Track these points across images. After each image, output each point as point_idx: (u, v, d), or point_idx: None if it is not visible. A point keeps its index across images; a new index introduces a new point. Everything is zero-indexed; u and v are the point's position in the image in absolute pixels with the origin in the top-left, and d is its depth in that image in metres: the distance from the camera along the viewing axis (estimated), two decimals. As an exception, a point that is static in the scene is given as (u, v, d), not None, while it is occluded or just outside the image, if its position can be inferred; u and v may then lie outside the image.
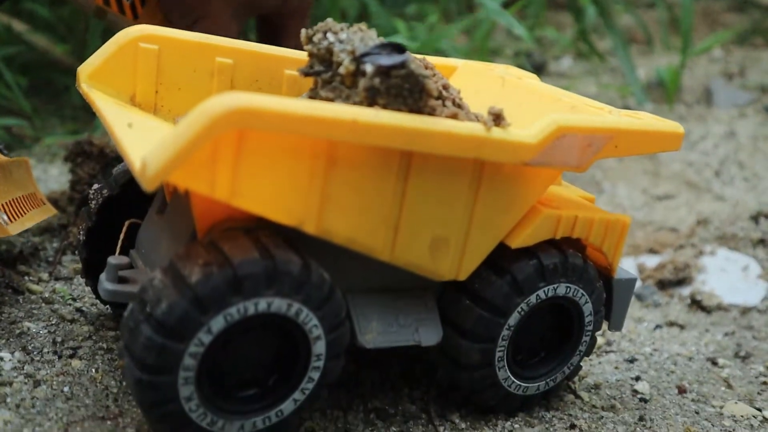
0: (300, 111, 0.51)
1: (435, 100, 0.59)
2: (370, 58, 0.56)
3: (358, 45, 0.57)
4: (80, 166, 0.87)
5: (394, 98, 0.55)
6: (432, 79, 0.59)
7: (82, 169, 0.87)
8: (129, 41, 0.66)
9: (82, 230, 0.70)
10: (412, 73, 0.55)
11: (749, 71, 1.91)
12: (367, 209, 0.58)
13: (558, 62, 1.97)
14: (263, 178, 0.53)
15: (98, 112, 0.60)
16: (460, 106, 0.64)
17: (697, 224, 1.21)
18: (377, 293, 0.65)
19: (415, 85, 0.56)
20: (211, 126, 0.48)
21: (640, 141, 0.67)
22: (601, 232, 0.71)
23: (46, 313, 0.73)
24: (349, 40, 0.58)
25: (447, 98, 0.63)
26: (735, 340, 0.93)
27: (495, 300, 0.66)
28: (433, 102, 0.58)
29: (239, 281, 0.54)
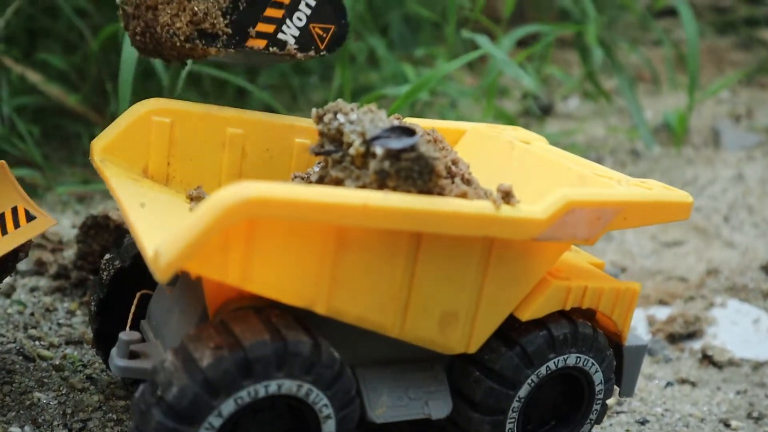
0: (310, 198, 0.51)
1: (444, 179, 0.60)
2: (380, 141, 0.56)
3: (368, 127, 0.58)
4: (93, 238, 0.88)
5: (404, 180, 0.56)
6: (442, 160, 0.60)
7: (96, 241, 0.87)
8: (142, 115, 0.67)
9: (93, 301, 0.70)
10: (422, 156, 0.56)
11: (756, 112, 1.91)
12: (376, 289, 0.58)
13: (565, 103, 1.98)
14: (274, 262, 0.54)
15: (111, 190, 0.61)
16: (469, 181, 0.64)
17: (707, 274, 1.21)
18: (387, 366, 0.65)
19: (425, 168, 0.56)
20: (224, 217, 0.49)
21: (649, 212, 0.68)
22: (611, 301, 0.70)
23: (57, 381, 0.73)
24: (359, 120, 0.59)
25: (456, 174, 0.64)
26: (747, 399, 0.92)
27: (505, 372, 0.66)
28: (443, 181, 0.58)
29: (250, 364, 0.55)
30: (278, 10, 0.71)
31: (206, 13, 0.69)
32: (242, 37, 0.70)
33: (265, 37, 0.71)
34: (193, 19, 0.68)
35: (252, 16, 0.70)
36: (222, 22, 0.69)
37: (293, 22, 0.71)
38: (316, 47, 0.73)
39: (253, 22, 0.70)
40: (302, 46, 0.72)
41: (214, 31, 0.69)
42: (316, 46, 0.73)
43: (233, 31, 0.70)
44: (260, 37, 0.71)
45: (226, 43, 0.70)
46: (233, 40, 0.70)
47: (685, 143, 1.73)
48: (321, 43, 0.73)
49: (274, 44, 0.72)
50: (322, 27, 0.72)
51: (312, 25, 0.72)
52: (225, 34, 0.70)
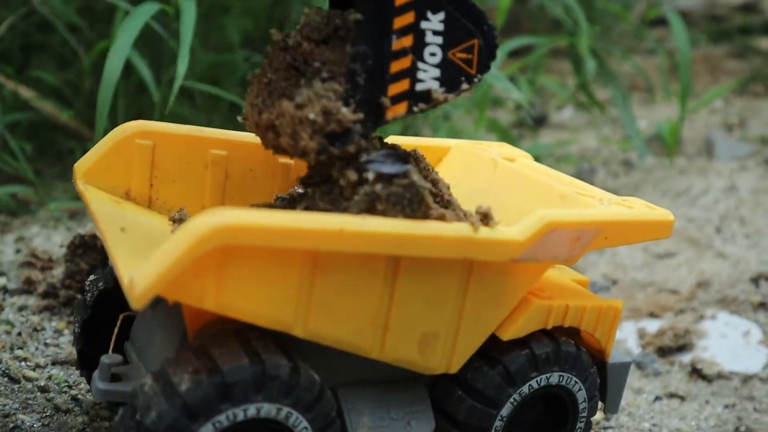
0: (285, 225, 0.52)
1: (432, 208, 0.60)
2: (373, 165, 0.56)
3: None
4: (81, 257, 0.88)
5: (392, 206, 0.56)
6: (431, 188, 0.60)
7: (83, 260, 0.88)
8: (124, 138, 0.68)
9: (77, 323, 0.70)
10: (414, 184, 0.56)
11: (749, 122, 1.92)
12: (354, 312, 0.58)
13: (559, 113, 1.98)
14: (250, 288, 0.54)
15: (91, 215, 0.61)
16: (449, 203, 0.64)
17: (697, 286, 1.21)
18: (368, 386, 0.66)
19: (415, 196, 0.56)
20: (197, 245, 0.49)
21: (630, 232, 0.68)
22: (594, 319, 0.71)
23: (41, 403, 0.73)
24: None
25: (436, 195, 0.64)
26: (736, 413, 0.92)
27: (487, 391, 0.67)
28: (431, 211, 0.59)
29: (228, 388, 0.55)
30: (404, 58, 0.57)
31: (325, 112, 0.56)
32: (378, 114, 0.57)
33: (402, 98, 0.58)
34: (314, 129, 0.56)
35: (377, 84, 0.57)
36: (347, 113, 0.56)
37: (427, 62, 0.58)
38: (466, 76, 0.59)
39: (382, 89, 0.57)
40: (450, 83, 0.59)
41: (344, 127, 0.56)
42: (466, 74, 0.59)
43: (365, 113, 0.57)
44: (397, 102, 0.58)
45: (363, 132, 0.57)
46: (369, 123, 0.57)
47: (678, 153, 1.73)
48: (471, 68, 0.59)
49: (416, 101, 0.59)
50: (464, 48, 0.58)
51: (451, 53, 0.58)
52: (357, 122, 0.57)
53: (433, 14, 0.57)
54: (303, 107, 0.56)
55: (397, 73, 0.57)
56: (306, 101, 0.56)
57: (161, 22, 1.18)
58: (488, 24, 0.59)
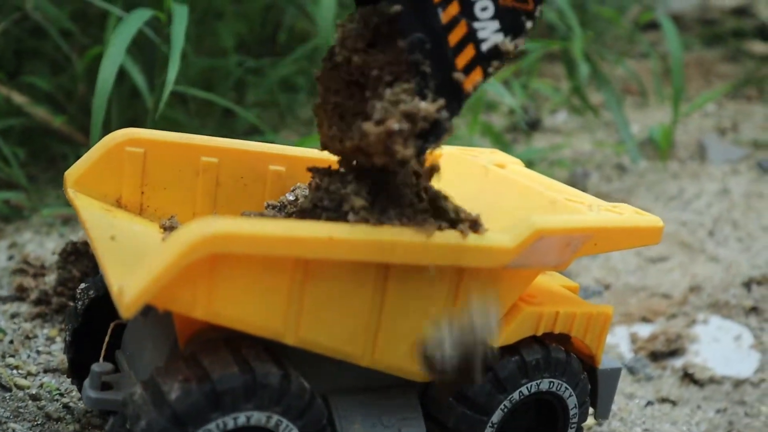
0: (274, 233, 0.52)
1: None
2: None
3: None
4: (73, 264, 0.88)
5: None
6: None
7: (76, 267, 0.88)
8: (115, 146, 0.68)
9: (68, 331, 0.70)
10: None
11: (742, 126, 1.92)
12: (345, 320, 0.59)
13: (553, 116, 1.99)
14: (240, 296, 0.54)
15: (82, 223, 0.62)
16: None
17: (690, 290, 1.22)
18: (360, 393, 0.66)
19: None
20: (187, 254, 0.49)
21: (620, 238, 0.68)
22: (584, 325, 0.71)
23: (33, 411, 0.73)
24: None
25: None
26: (727, 418, 0.93)
27: (477, 398, 0.67)
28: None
29: (218, 396, 0.55)
30: (458, 26, 0.54)
31: (408, 116, 0.53)
32: (458, 91, 0.55)
33: (474, 65, 0.55)
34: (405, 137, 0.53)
35: (444, 63, 0.54)
36: (429, 106, 0.54)
37: (482, 19, 0.54)
38: (526, 14, 0.55)
39: (451, 66, 0.55)
40: (514, 29, 0.55)
41: (432, 121, 0.54)
42: (525, 12, 0.55)
43: (445, 96, 0.54)
44: (471, 70, 0.55)
45: (451, 115, 0.55)
46: (454, 103, 0.55)
47: (671, 157, 1.74)
48: (527, 4, 0.55)
49: (488, 61, 0.55)
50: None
51: (502, 0, 0.55)
52: (441, 109, 0.54)
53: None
54: (384, 121, 0.53)
55: (458, 44, 0.55)
56: (384, 114, 0.53)
57: (154, 27, 1.18)
58: None
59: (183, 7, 1.06)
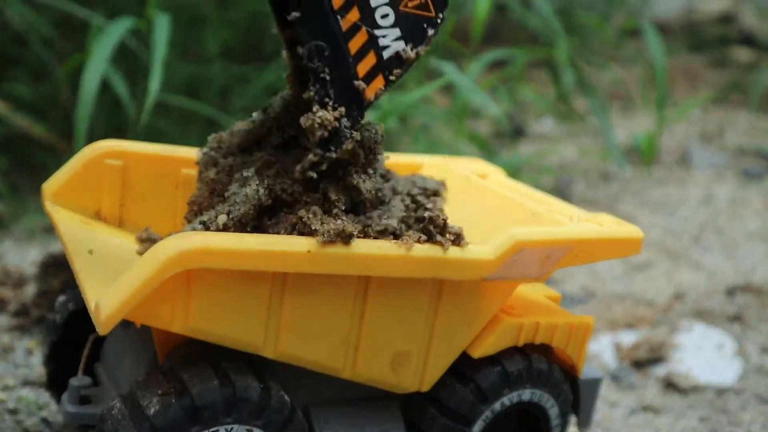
0: (251, 247, 0.52)
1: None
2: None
3: None
4: (53, 275, 0.87)
5: None
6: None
7: (56, 279, 0.87)
8: (94, 158, 0.67)
9: (47, 344, 0.70)
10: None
11: (727, 132, 1.94)
12: (325, 332, 0.58)
13: (539, 123, 2.00)
14: (218, 310, 0.54)
15: (59, 237, 0.61)
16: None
17: (674, 298, 1.22)
18: (342, 405, 0.66)
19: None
20: (163, 270, 0.49)
21: (600, 249, 0.68)
22: (565, 335, 0.71)
23: (10, 426, 0.72)
24: None
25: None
26: (710, 426, 0.93)
27: (460, 409, 0.67)
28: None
29: (198, 411, 0.55)
30: (359, 33, 0.54)
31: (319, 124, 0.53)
32: (358, 99, 0.54)
33: (375, 72, 0.54)
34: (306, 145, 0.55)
35: (344, 70, 0.54)
36: (327, 114, 0.54)
37: (383, 26, 0.54)
38: (428, 21, 0.55)
39: (351, 73, 0.54)
40: (415, 36, 0.55)
41: (331, 127, 0.54)
42: (427, 19, 0.54)
43: (345, 104, 0.54)
44: (372, 78, 0.54)
45: (352, 124, 0.55)
46: (354, 112, 0.55)
47: (656, 163, 1.75)
48: (429, 11, 0.54)
49: (389, 68, 0.55)
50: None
51: (402, 6, 0.54)
52: (342, 117, 0.54)
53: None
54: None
55: (358, 51, 0.54)
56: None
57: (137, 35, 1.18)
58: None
59: (164, 16, 1.05)
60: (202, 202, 0.62)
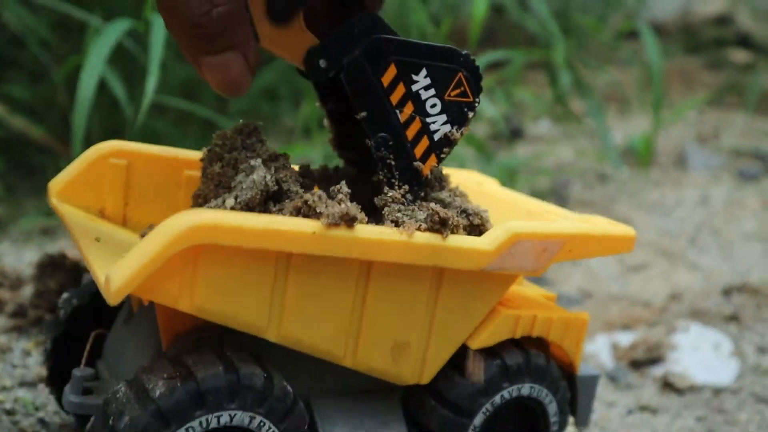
0: (258, 225, 0.53)
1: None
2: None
3: None
4: (50, 277, 0.88)
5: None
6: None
7: (53, 280, 0.87)
8: (99, 157, 0.68)
9: (49, 339, 0.70)
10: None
11: (722, 133, 1.94)
12: (327, 317, 0.59)
13: (536, 124, 2.00)
14: (224, 289, 0.55)
15: (67, 227, 0.62)
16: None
17: (670, 298, 1.22)
18: (342, 396, 0.66)
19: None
20: (172, 244, 0.50)
21: (593, 245, 0.69)
22: (561, 330, 0.71)
23: (7, 426, 0.73)
24: None
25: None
26: (707, 426, 0.93)
27: (459, 401, 0.67)
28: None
29: (202, 395, 0.55)
30: (414, 123, 0.63)
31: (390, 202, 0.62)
32: (418, 177, 0.64)
33: (429, 153, 0.64)
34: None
35: (405, 154, 0.63)
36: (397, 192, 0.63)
37: (432, 114, 0.63)
38: (468, 105, 0.64)
39: (411, 156, 0.63)
40: (458, 120, 0.64)
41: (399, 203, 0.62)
42: (467, 104, 0.64)
43: (407, 182, 0.63)
44: (427, 158, 0.64)
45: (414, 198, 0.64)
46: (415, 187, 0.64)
47: (653, 165, 1.75)
48: (468, 97, 0.64)
49: (440, 149, 0.64)
50: (454, 85, 0.64)
51: (447, 96, 0.64)
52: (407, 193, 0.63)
53: (417, 75, 0.63)
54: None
55: (414, 137, 0.64)
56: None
57: (134, 36, 1.18)
58: (462, 54, 0.64)
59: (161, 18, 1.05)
60: (208, 194, 0.62)
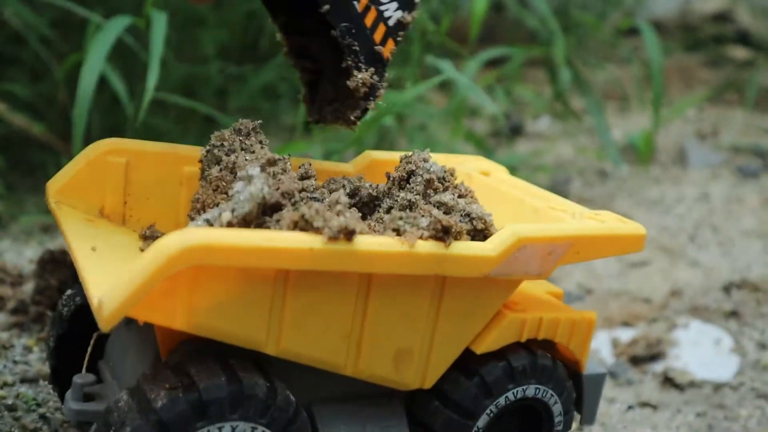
0: (254, 244, 0.52)
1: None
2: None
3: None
4: (51, 273, 0.87)
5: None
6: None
7: (54, 276, 0.87)
8: (98, 156, 0.67)
9: (52, 337, 0.70)
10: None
11: (722, 131, 1.94)
12: (327, 329, 0.59)
13: (536, 122, 2.00)
14: (221, 307, 0.54)
15: (63, 235, 0.61)
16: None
17: (671, 295, 1.23)
18: (344, 402, 0.66)
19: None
20: (166, 266, 0.49)
21: (602, 246, 0.68)
22: (567, 331, 0.71)
23: (8, 422, 0.72)
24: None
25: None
26: (707, 422, 0.94)
27: (464, 402, 0.67)
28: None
29: (205, 406, 0.55)
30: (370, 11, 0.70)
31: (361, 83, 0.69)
32: (380, 59, 0.71)
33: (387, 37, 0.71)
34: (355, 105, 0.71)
35: (366, 40, 0.70)
36: (366, 74, 0.70)
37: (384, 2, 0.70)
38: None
39: (372, 41, 0.70)
40: (407, 4, 0.72)
41: (368, 84, 0.70)
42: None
43: (372, 65, 0.70)
44: (386, 41, 0.71)
45: (380, 78, 0.71)
46: (380, 70, 0.71)
47: (652, 162, 1.75)
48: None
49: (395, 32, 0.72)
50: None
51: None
52: (374, 75, 0.71)
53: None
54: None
55: (372, 24, 0.71)
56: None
57: (134, 34, 1.18)
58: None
59: (162, 14, 1.05)
60: (206, 200, 0.62)
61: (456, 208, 0.65)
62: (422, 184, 0.67)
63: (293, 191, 0.60)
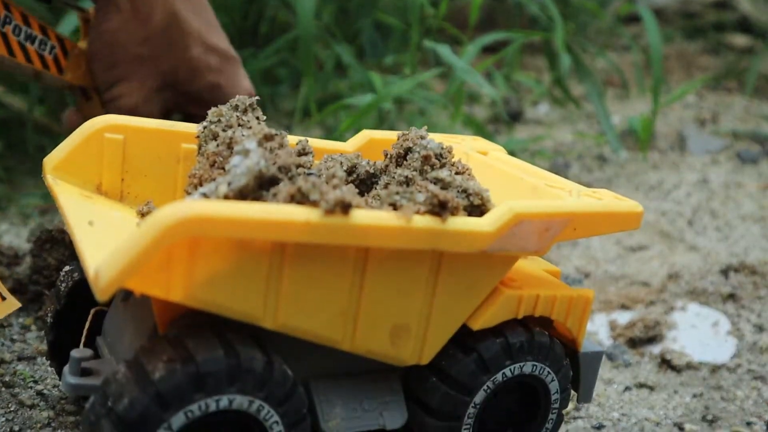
0: (251, 216, 0.52)
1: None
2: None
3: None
4: (48, 252, 0.87)
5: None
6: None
7: (51, 255, 0.87)
8: (94, 132, 0.67)
9: (50, 313, 0.70)
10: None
11: (721, 117, 1.94)
12: (324, 303, 0.59)
13: (535, 108, 2.00)
14: (218, 279, 0.54)
15: (60, 209, 0.61)
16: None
17: (668, 278, 1.23)
18: (341, 378, 0.66)
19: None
20: (163, 237, 0.49)
21: (599, 223, 0.69)
22: (564, 308, 0.71)
23: (6, 398, 0.73)
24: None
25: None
26: (703, 403, 0.94)
27: (461, 378, 0.67)
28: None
29: (202, 378, 0.55)
30: None
31: None
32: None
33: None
34: None
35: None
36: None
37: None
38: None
39: None
40: None
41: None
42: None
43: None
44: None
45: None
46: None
47: (651, 148, 1.75)
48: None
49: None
50: None
51: None
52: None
53: None
54: None
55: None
56: None
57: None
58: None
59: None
60: (203, 175, 0.62)
61: (453, 184, 0.65)
62: (419, 160, 0.67)
63: (290, 165, 0.59)
